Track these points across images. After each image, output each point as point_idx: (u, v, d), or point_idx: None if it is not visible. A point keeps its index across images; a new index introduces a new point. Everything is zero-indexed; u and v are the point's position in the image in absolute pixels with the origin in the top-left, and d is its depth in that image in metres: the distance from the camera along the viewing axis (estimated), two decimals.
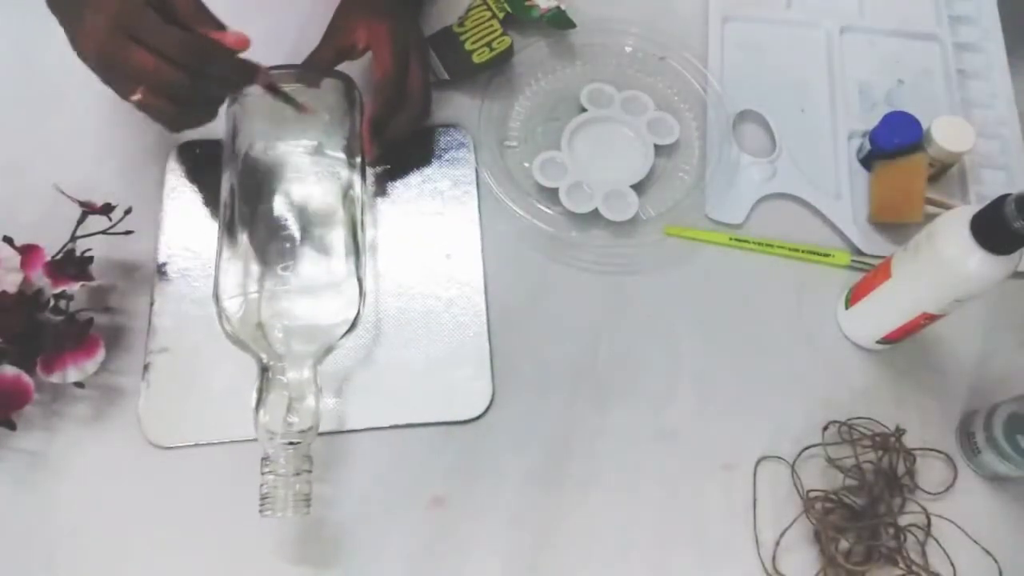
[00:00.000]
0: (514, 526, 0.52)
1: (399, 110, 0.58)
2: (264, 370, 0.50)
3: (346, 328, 0.52)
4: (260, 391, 0.49)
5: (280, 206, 0.52)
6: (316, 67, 0.57)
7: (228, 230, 0.52)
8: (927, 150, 0.61)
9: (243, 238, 0.51)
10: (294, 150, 0.55)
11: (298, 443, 0.48)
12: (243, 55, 0.48)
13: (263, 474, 0.47)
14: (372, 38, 0.57)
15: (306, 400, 0.49)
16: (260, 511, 0.46)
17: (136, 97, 0.47)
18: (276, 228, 0.52)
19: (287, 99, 0.52)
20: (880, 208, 0.62)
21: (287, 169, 0.54)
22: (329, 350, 0.52)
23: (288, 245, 0.51)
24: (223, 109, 0.55)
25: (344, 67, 0.59)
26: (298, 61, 0.58)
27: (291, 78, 0.54)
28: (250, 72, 0.49)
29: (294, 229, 0.52)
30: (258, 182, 0.53)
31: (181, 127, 0.50)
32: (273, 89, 0.51)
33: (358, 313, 0.52)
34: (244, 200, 0.53)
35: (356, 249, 0.54)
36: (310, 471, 0.48)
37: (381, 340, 0.57)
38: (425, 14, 0.69)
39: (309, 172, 0.55)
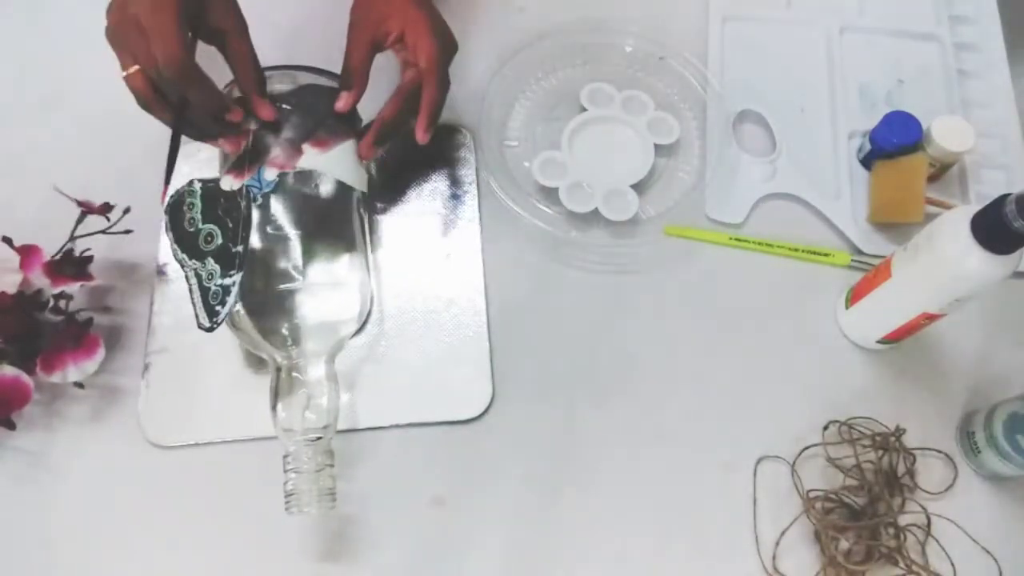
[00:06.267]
0: (514, 526, 0.52)
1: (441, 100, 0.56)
2: (278, 370, 0.50)
3: (355, 325, 0.53)
4: (275, 390, 0.49)
5: (284, 207, 0.52)
6: (352, 72, 0.55)
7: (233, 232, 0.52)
8: (927, 150, 0.61)
9: (249, 239, 0.51)
10: None
11: (319, 439, 0.48)
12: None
13: (286, 471, 0.47)
14: (408, 26, 0.54)
15: (323, 397, 0.49)
16: (286, 509, 0.46)
17: (125, 73, 0.48)
18: (281, 228, 0.52)
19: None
20: (880, 208, 0.62)
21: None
22: (340, 347, 0.53)
23: (294, 244, 0.51)
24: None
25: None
26: (323, 53, 0.57)
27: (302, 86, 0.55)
28: (226, 130, 0.52)
29: (299, 228, 0.52)
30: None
31: (151, 111, 0.50)
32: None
33: (368, 310, 0.52)
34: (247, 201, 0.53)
35: (363, 246, 0.55)
36: (332, 465, 0.48)
37: (381, 340, 0.57)
38: None
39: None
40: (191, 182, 0.52)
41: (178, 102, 0.50)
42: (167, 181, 0.52)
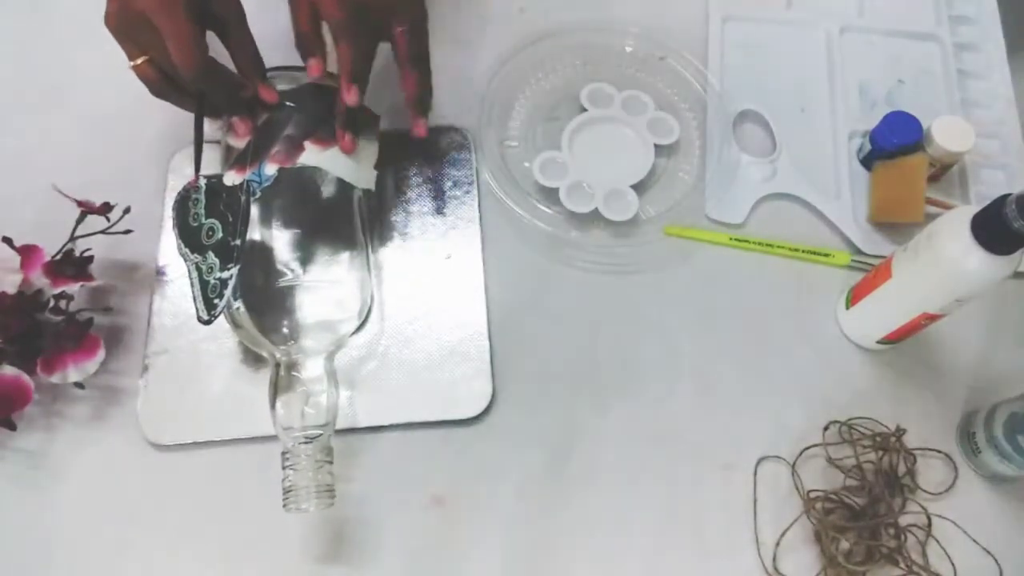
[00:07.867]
0: (514, 526, 0.52)
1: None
2: (277, 366, 0.50)
3: (355, 323, 0.53)
4: (275, 387, 0.49)
5: (284, 203, 0.52)
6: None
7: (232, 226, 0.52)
8: (927, 150, 0.61)
9: (246, 233, 0.51)
10: None
11: (317, 436, 0.48)
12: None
13: (284, 468, 0.47)
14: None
15: (322, 394, 0.49)
16: (284, 506, 0.46)
17: (133, 64, 0.49)
18: (281, 224, 0.52)
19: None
20: (880, 208, 0.62)
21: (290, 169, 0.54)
22: (340, 344, 0.53)
23: (294, 241, 0.51)
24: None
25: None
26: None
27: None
28: (241, 109, 0.53)
29: (300, 225, 0.52)
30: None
31: (165, 98, 0.52)
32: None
33: (368, 309, 0.52)
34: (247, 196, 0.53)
35: (364, 244, 0.55)
36: (331, 462, 0.48)
37: (381, 339, 0.57)
38: None
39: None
40: (197, 178, 0.53)
41: (197, 92, 0.51)
42: (197, 168, 0.53)
